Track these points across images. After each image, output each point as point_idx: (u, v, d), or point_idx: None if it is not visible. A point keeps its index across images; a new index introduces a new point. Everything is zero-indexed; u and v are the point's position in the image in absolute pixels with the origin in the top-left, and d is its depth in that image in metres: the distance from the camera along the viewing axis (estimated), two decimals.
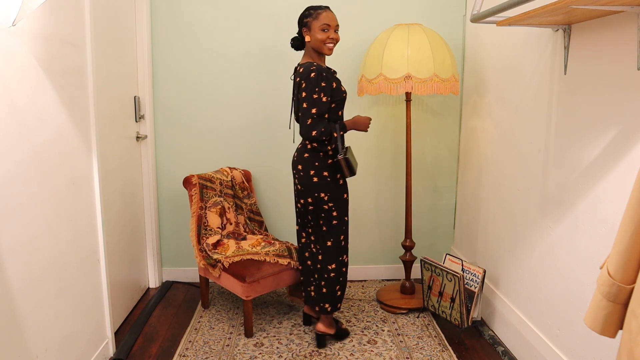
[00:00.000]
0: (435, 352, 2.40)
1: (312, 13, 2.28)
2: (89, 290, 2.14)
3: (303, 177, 2.34)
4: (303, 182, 2.35)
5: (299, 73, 2.27)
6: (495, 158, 2.63)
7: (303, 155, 2.34)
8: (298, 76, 2.28)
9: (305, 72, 2.22)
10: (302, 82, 2.23)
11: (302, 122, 2.24)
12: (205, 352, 2.39)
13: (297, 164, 2.37)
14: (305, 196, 2.37)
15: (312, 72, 2.20)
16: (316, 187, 2.32)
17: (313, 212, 2.38)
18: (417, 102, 3.14)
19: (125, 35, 2.77)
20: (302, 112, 2.23)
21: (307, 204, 2.38)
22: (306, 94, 2.21)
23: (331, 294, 2.41)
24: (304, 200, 2.38)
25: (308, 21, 2.28)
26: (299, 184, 2.39)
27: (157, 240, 3.20)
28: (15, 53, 1.59)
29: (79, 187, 2.04)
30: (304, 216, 2.44)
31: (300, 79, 2.25)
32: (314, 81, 2.19)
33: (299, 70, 2.30)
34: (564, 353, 1.94)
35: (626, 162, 1.58)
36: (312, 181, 2.32)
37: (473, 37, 2.96)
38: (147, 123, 3.02)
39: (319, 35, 2.25)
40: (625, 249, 1.03)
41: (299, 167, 2.35)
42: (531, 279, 2.22)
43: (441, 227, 3.32)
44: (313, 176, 2.32)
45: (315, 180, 2.32)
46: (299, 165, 2.36)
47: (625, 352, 1.01)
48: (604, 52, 1.69)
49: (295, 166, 2.38)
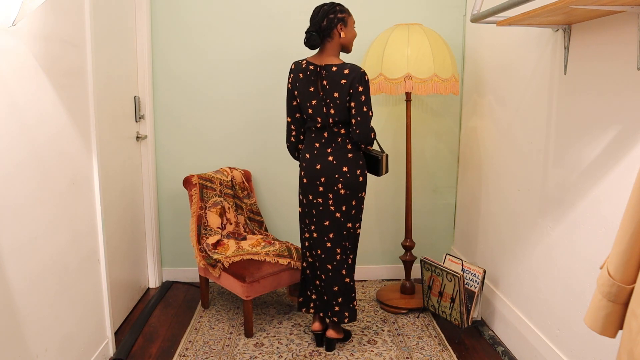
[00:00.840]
0: (435, 352, 2.40)
1: (346, 9, 2.23)
2: (89, 290, 2.14)
3: (350, 179, 2.24)
4: (350, 183, 2.24)
5: (345, 75, 2.15)
6: (495, 158, 2.63)
7: (347, 156, 2.24)
8: (344, 78, 2.15)
9: (358, 74, 2.15)
10: (357, 85, 2.15)
11: (364, 126, 2.18)
12: (205, 352, 2.39)
13: (341, 166, 2.23)
14: (350, 200, 2.27)
15: (365, 74, 2.17)
16: (361, 187, 2.29)
17: (354, 216, 2.30)
18: (417, 102, 3.14)
19: (125, 36, 2.77)
20: (363, 115, 2.17)
21: (350, 208, 2.28)
22: (365, 97, 2.17)
23: (355, 294, 2.41)
24: (347, 205, 2.27)
25: (344, 17, 2.21)
26: (344, 188, 2.24)
27: (157, 240, 3.20)
28: (15, 53, 1.59)
29: (79, 187, 2.04)
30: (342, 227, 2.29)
31: (349, 81, 2.14)
32: (368, 83, 2.19)
33: (333, 71, 2.17)
34: (564, 353, 1.94)
35: (626, 162, 1.58)
36: (359, 181, 2.26)
37: (473, 37, 2.96)
38: (147, 123, 3.02)
39: (354, 32, 2.27)
40: (625, 249, 1.03)
41: (345, 169, 2.23)
42: (531, 279, 2.22)
43: (441, 227, 3.32)
44: (359, 175, 2.26)
45: (361, 180, 2.28)
46: (344, 167, 2.23)
47: (625, 352, 1.01)
48: (604, 52, 1.69)
49: (336, 170, 2.23)
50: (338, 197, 2.26)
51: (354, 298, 2.38)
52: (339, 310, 2.35)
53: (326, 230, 2.31)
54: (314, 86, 2.23)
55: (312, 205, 2.33)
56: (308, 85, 2.24)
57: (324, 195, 2.28)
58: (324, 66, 2.21)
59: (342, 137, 2.26)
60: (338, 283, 2.34)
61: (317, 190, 2.28)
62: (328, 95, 2.20)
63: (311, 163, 2.29)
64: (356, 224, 2.34)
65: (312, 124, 2.28)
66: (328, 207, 2.28)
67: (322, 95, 2.22)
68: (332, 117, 2.23)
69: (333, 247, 2.32)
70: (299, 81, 2.27)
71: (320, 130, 2.28)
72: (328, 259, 2.33)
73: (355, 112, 2.18)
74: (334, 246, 2.32)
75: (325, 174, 2.25)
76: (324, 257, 2.33)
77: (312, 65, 2.23)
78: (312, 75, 2.23)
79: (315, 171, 2.27)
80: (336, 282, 2.33)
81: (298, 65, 2.28)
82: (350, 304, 2.37)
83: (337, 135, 2.26)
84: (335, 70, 2.18)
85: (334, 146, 2.25)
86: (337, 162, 2.24)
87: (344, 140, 2.26)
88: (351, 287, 2.37)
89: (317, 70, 2.22)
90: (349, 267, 2.36)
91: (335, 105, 2.20)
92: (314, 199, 2.31)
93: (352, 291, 2.38)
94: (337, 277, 2.33)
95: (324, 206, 2.29)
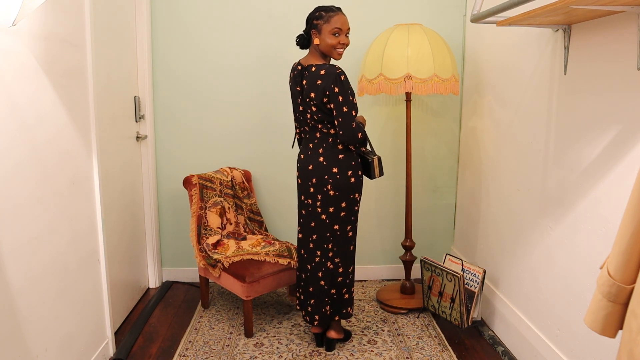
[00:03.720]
0: (435, 352, 2.40)
1: (323, 15, 2.16)
2: (89, 290, 2.14)
3: (340, 180, 2.21)
4: (339, 185, 2.21)
5: (320, 75, 2.13)
6: (495, 158, 2.63)
7: (337, 157, 2.21)
8: (319, 79, 2.13)
9: (332, 75, 2.11)
10: (332, 87, 2.11)
11: (347, 126, 2.13)
12: (205, 352, 2.39)
13: (331, 167, 2.20)
14: (339, 201, 2.23)
15: (341, 74, 2.11)
16: (352, 188, 2.24)
17: (343, 218, 2.26)
18: (417, 102, 3.14)
19: (125, 36, 2.77)
20: (344, 116, 2.12)
21: (338, 210, 2.24)
22: (343, 98, 2.11)
23: (351, 295, 2.40)
24: (335, 207, 2.24)
25: (318, 24, 2.16)
26: (333, 189, 2.22)
27: (157, 240, 3.20)
28: (15, 53, 1.59)
29: (79, 187, 2.04)
30: (326, 229, 2.27)
31: (324, 82, 2.12)
32: (347, 83, 2.13)
33: (312, 71, 2.17)
34: (564, 353, 1.94)
35: (626, 162, 1.58)
36: (350, 182, 2.23)
37: (473, 37, 2.96)
38: (147, 123, 3.02)
39: (330, 40, 2.16)
40: (625, 249, 1.02)
41: (334, 170, 2.20)
42: (531, 279, 2.22)
43: (441, 227, 3.32)
44: (351, 177, 2.23)
45: (353, 181, 2.23)
46: (334, 168, 2.20)
47: (625, 352, 1.01)
48: (604, 52, 1.69)
49: (326, 171, 2.21)
50: (327, 198, 2.24)
51: (327, 303, 2.34)
52: (311, 311, 2.36)
53: (311, 231, 2.31)
54: (299, 86, 2.25)
55: (302, 206, 2.35)
56: (295, 85, 2.28)
57: (313, 196, 2.27)
58: (306, 66, 2.22)
59: (332, 137, 2.23)
60: (312, 284, 2.34)
61: (309, 191, 2.28)
62: (307, 95, 2.20)
63: (304, 163, 2.29)
64: (346, 226, 2.29)
65: (304, 124, 2.30)
66: (315, 208, 2.27)
67: (303, 95, 2.23)
68: (313, 115, 2.21)
69: (314, 249, 2.32)
70: (291, 80, 2.32)
71: (312, 131, 2.27)
72: (308, 259, 2.35)
73: (336, 114, 2.14)
74: (314, 248, 2.31)
75: (316, 174, 2.23)
76: (306, 257, 2.35)
77: (300, 65, 2.26)
78: (298, 75, 2.26)
79: (308, 171, 2.27)
80: (311, 283, 2.34)
81: (294, 65, 2.32)
82: (323, 309, 2.34)
83: (328, 136, 2.23)
84: (314, 70, 2.17)
85: (325, 146, 2.23)
86: (327, 162, 2.22)
87: (334, 141, 2.23)
88: (325, 292, 2.32)
89: (300, 70, 2.25)
90: (327, 272, 2.31)
91: (314, 105, 2.18)
92: (305, 199, 2.32)
93: (326, 296, 2.33)
94: (313, 279, 2.33)
95: (312, 207, 2.28)
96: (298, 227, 2.42)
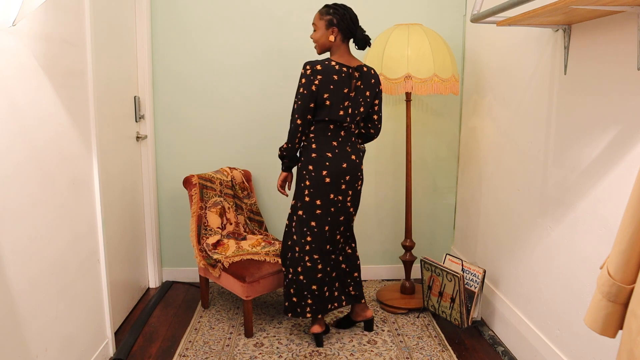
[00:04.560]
0: (435, 352, 2.40)
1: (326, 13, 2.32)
2: (89, 291, 2.14)
3: (362, 175, 2.40)
4: (363, 179, 2.42)
5: (372, 75, 2.35)
6: (496, 158, 2.63)
7: (360, 153, 2.40)
8: (372, 78, 2.34)
9: (378, 75, 2.37)
10: (380, 86, 2.38)
11: (379, 126, 2.46)
12: (205, 352, 2.39)
13: (360, 165, 2.38)
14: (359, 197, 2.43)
15: None
16: None
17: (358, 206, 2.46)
18: (417, 102, 3.14)
19: (125, 36, 2.77)
20: (380, 115, 2.44)
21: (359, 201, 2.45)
22: (379, 100, 2.41)
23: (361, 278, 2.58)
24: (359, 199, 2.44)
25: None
26: (360, 184, 2.40)
27: (157, 240, 3.20)
28: (15, 53, 1.59)
29: (79, 188, 2.04)
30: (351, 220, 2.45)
31: (376, 82, 2.36)
32: None
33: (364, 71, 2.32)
34: (564, 353, 1.94)
35: (626, 162, 1.58)
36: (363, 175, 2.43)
37: (473, 37, 2.96)
38: (147, 123, 3.02)
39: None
40: (625, 248, 1.03)
41: (362, 166, 2.39)
42: (531, 279, 2.22)
43: (441, 227, 3.32)
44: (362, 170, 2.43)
45: None
46: (361, 164, 2.39)
47: (625, 352, 1.01)
48: (603, 52, 1.69)
49: (358, 169, 2.36)
50: (356, 193, 2.40)
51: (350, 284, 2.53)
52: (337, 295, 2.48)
53: (339, 224, 2.40)
54: (347, 87, 2.28)
55: (330, 204, 2.32)
56: (342, 87, 2.25)
57: (344, 193, 2.34)
58: (355, 67, 2.30)
59: (354, 135, 2.40)
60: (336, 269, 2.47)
61: (340, 189, 2.32)
62: (361, 95, 2.32)
63: (336, 162, 2.29)
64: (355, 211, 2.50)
65: (333, 123, 2.30)
66: (346, 203, 2.37)
67: (354, 95, 2.30)
68: (360, 115, 2.36)
69: (339, 239, 2.45)
70: (332, 83, 2.23)
71: (337, 130, 2.32)
72: (332, 251, 2.43)
73: (377, 109, 2.41)
74: (340, 237, 2.45)
75: (350, 172, 2.32)
76: (330, 250, 2.42)
77: (345, 66, 2.27)
78: (347, 76, 2.27)
79: (342, 170, 2.30)
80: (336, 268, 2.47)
81: (327, 67, 2.23)
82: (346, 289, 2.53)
83: (351, 134, 2.37)
84: (366, 70, 2.33)
85: (351, 144, 2.35)
86: (358, 160, 2.37)
87: (356, 138, 2.41)
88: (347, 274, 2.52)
89: (349, 71, 2.28)
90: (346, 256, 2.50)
91: (365, 105, 2.34)
92: (335, 197, 2.32)
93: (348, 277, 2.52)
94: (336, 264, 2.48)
95: (342, 203, 2.36)
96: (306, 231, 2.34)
